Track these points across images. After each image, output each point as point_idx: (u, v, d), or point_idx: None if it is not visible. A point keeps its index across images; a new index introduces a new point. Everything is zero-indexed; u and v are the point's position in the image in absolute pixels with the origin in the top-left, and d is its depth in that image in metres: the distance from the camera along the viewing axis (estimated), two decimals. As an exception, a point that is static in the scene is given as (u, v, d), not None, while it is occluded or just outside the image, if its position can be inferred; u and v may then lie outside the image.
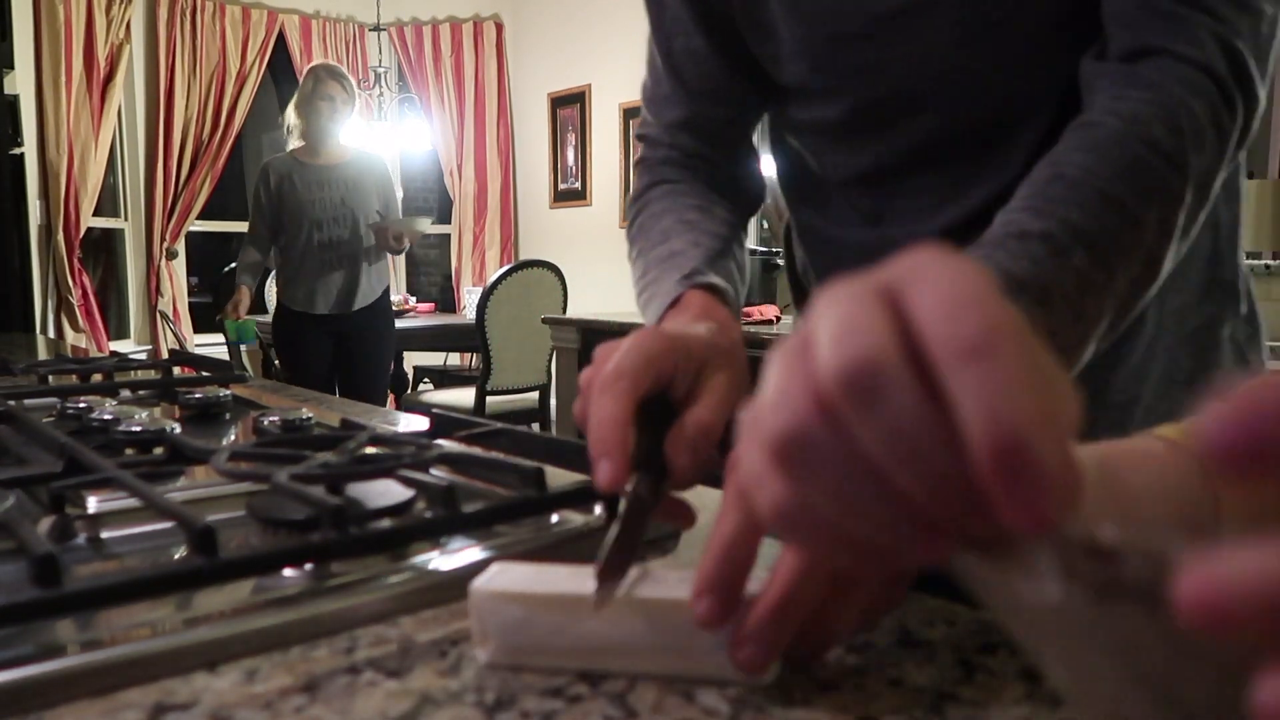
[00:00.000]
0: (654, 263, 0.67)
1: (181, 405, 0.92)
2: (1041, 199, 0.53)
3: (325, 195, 3.32)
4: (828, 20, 0.67)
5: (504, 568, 0.40)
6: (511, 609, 0.38)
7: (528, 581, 0.39)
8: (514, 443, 0.67)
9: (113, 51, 4.55)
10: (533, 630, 0.38)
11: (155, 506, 0.49)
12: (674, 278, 0.63)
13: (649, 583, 0.38)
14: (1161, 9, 0.56)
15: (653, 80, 0.80)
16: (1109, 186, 0.52)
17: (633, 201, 0.77)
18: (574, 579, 0.39)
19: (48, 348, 2.23)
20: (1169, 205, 0.54)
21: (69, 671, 0.36)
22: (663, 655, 0.37)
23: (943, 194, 0.69)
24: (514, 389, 3.83)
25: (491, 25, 5.78)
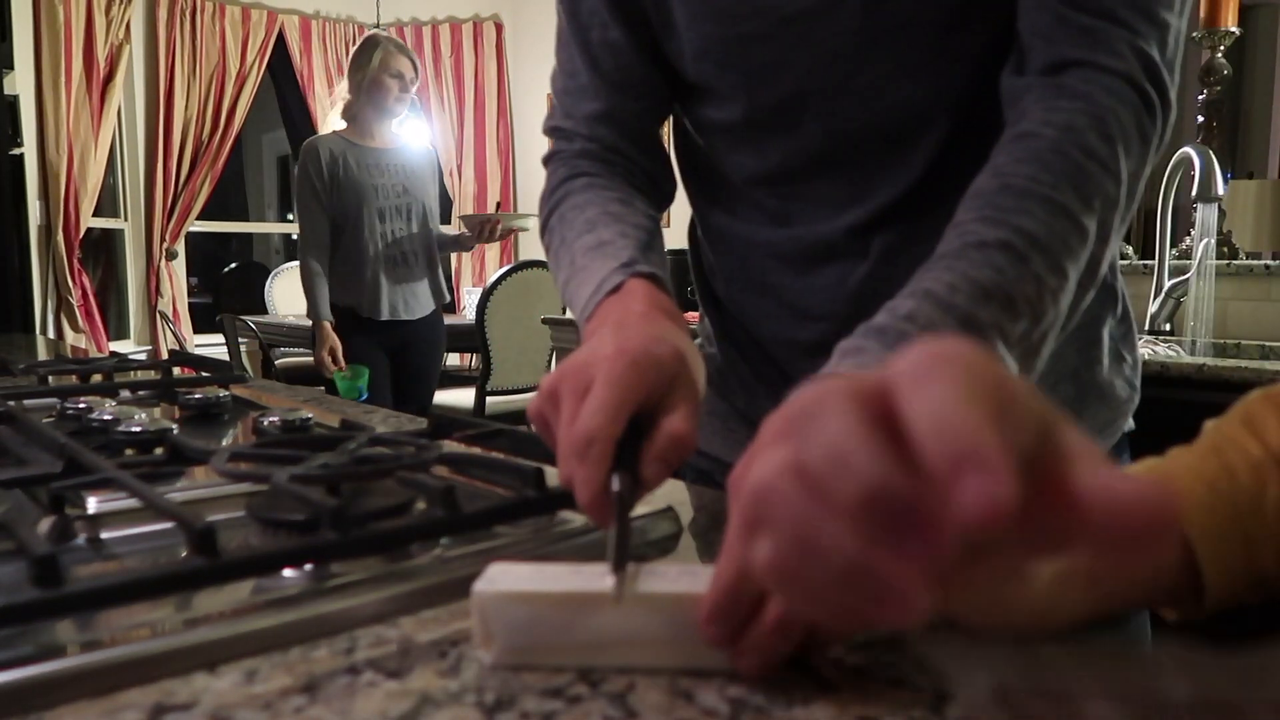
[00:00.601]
0: (581, 251, 0.66)
1: (181, 406, 0.92)
2: (993, 209, 0.54)
3: (385, 182, 2.88)
4: (730, 21, 0.68)
5: (503, 568, 0.40)
6: (516, 609, 0.38)
7: (530, 581, 0.39)
8: (514, 443, 0.67)
9: (112, 52, 4.55)
10: (538, 629, 0.38)
11: (155, 507, 0.49)
12: (609, 265, 0.62)
13: (651, 577, 0.38)
14: (1080, 23, 0.58)
15: (566, 73, 0.79)
16: (1055, 194, 0.54)
17: (548, 194, 0.76)
18: (575, 576, 0.39)
19: (47, 348, 2.23)
20: (1108, 209, 0.56)
21: (69, 672, 0.36)
22: (668, 648, 0.37)
23: (848, 194, 0.70)
24: (514, 389, 3.83)
25: (491, 26, 5.78)
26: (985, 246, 0.52)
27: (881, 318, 0.51)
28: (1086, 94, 0.57)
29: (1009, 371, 0.30)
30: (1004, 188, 0.55)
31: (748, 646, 0.36)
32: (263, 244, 7.26)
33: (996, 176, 0.56)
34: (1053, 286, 0.53)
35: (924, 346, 0.28)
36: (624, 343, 0.49)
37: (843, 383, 0.28)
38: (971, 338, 0.48)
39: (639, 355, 0.48)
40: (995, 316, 0.50)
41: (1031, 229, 0.53)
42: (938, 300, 0.50)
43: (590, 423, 0.46)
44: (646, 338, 0.51)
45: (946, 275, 0.52)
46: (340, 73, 5.44)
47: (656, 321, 0.56)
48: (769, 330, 0.78)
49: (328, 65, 5.44)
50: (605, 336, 0.52)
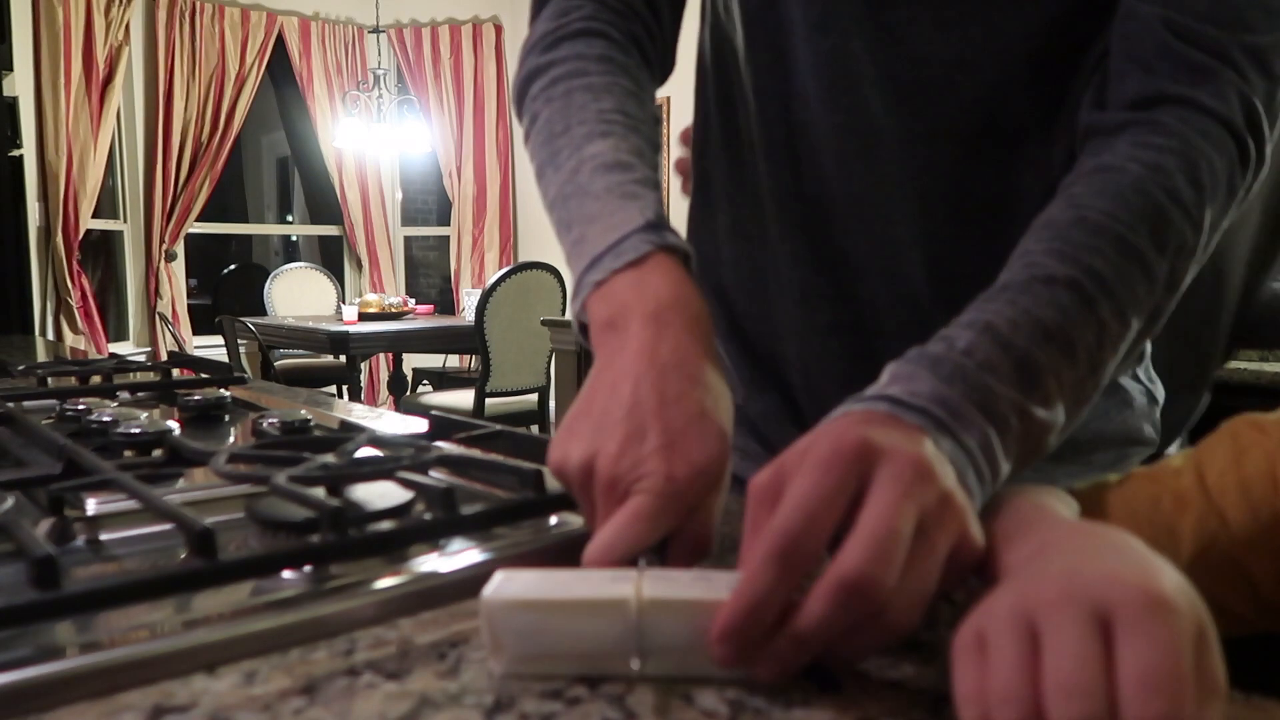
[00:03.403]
0: (592, 168, 0.58)
1: (180, 407, 0.92)
2: (1065, 242, 0.51)
3: None
4: None
5: (510, 575, 0.40)
6: (524, 616, 0.37)
7: (537, 588, 0.38)
8: (513, 445, 0.67)
9: (112, 53, 4.55)
10: (547, 637, 0.37)
11: (154, 509, 0.49)
12: (630, 220, 0.54)
13: (661, 583, 0.38)
14: (1187, 58, 0.54)
15: None
16: (1131, 235, 0.51)
17: (545, 37, 0.65)
18: (582, 583, 0.39)
19: (47, 350, 2.22)
20: (1181, 258, 0.53)
21: (68, 673, 0.36)
22: (679, 655, 0.37)
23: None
24: (513, 391, 3.83)
25: (491, 27, 5.78)
26: (1053, 283, 0.49)
27: (937, 347, 0.47)
28: (1181, 134, 0.54)
29: (1207, 618, 0.31)
30: (1079, 221, 0.51)
31: (766, 655, 0.36)
32: (262, 245, 7.26)
33: (1072, 208, 0.52)
34: (1114, 334, 0.50)
35: (1148, 578, 0.31)
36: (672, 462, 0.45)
37: (1082, 586, 0.31)
38: (1030, 380, 0.46)
39: (685, 485, 0.45)
40: (1053, 361, 0.47)
41: (1101, 271, 0.50)
42: (997, 336, 0.47)
43: (607, 558, 0.43)
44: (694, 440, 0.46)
45: (1009, 310, 0.48)
46: (339, 74, 5.45)
47: (699, 367, 0.49)
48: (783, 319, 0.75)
49: (327, 67, 5.44)
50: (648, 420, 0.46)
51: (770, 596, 0.35)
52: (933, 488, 0.38)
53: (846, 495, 0.37)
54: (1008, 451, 0.45)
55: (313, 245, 6.45)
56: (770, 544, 0.36)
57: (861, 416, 0.43)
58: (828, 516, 0.37)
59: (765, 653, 0.36)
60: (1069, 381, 0.48)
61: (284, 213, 7.77)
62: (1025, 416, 0.46)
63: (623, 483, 0.45)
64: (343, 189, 5.52)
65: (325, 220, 5.86)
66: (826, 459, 0.38)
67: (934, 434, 0.42)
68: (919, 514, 0.37)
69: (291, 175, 6.82)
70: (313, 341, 4.16)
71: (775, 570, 0.36)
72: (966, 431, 0.43)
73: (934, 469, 0.39)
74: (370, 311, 4.46)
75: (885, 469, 0.38)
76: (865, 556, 0.35)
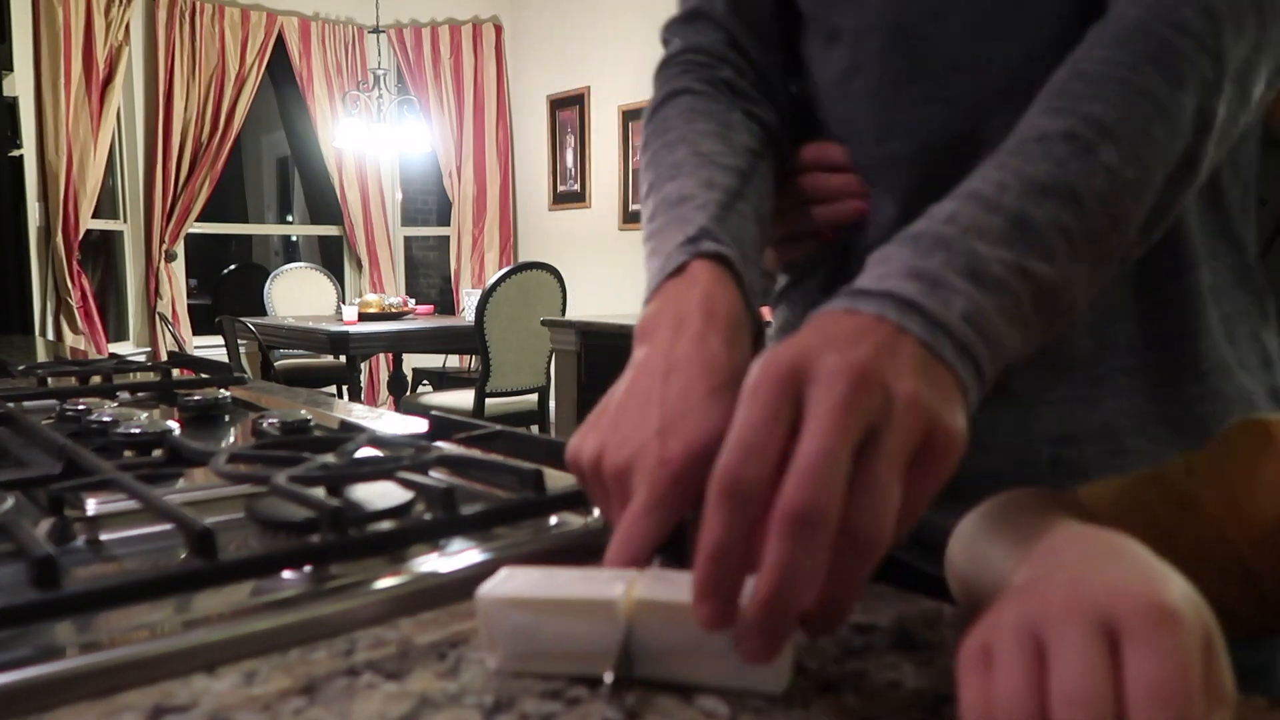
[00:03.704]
0: (662, 206, 0.60)
1: (180, 407, 0.92)
2: (1059, 98, 0.48)
3: None
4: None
5: (511, 573, 0.40)
6: (519, 615, 0.38)
7: (535, 586, 0.38)
8: (513, 445, 0.67)
9: (111, 53, 4.55)
10: (541, 636, 0.38)
11: (154, 509, 0.49)
12: (677, 236, 0.56)
13: (659, 584, 0.38)
14: None
15: None
16: (1133, 76, 0.47)
17: (648, 117, 0.68)
18: (582, 583, 0.39)
19: (47, 350, 2.22)
20: (1205, 92, 0.48)
21: (68, 673, 0.36)
22: (673, 660, 0.37)
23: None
24: (513, 391, 3.83)
25: (490, 27, 5.78)
26: (1046, 139, 0.46)
27: (919, 223, 0.45)
28: None
29: (1215, 626, 0.31)
30: (1075, 75, 0.48)
31: (746, 629, 0.35)
32: (262, 245, 7.26)
33: (1069, 65, 0.49)
34: (1130, 179, 0.46)
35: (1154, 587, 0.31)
36: (667, 442, 0.45)
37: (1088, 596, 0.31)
38: (1026, 238, 0.43)
39: (680, 466, 0.44)
40: (1055, 214, 0.44)
41: (1101, 115, 0.46)
42: (984, 200, 0.44)
43: (623, 558, 0.43)
44: (692, 418, 0.45)
45: (996, 174, 0.45)
46: (339, 74, 5.46)
47: (712, 357, 0.49)
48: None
49: (327, 67, 5.44)
50: (651, 408, 0.47)
51: (728, 537, 0.35)
52: (874, 390, 0.36)
53: (782, 421, 0.36)
54: (1011, 316, 0.42)
55: (313, 245, 6.45)
56: (714, 486, 0.36)
57: (811, 329, 0.40)
58: (766, 446, 0.36)
59: (744, 624, 0.35)
60: (1080, 234, 0.44)
61: (284, 213, 7.77)
62: (1028, 276, 0.43)
63: (626, 475, 0.45)
64: (343, 189, 5.52)
65: (325, 220, 5.86)
66: (755, 388, 0.37)
67: (897, 317, 0.40)
68: (864, 423, 0.36)
69: (291, 175, 6.83)
70: (313, 342, 4.16)
71: (725, 510, 0.35)
72: (945, 303, 0.41)
73: (872, 370, 0.37)
74: (370, 312, 4.46)
75: (816, 388, 0.36)
76: (799, 484, 0.34)
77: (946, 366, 0.39)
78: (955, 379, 0.39)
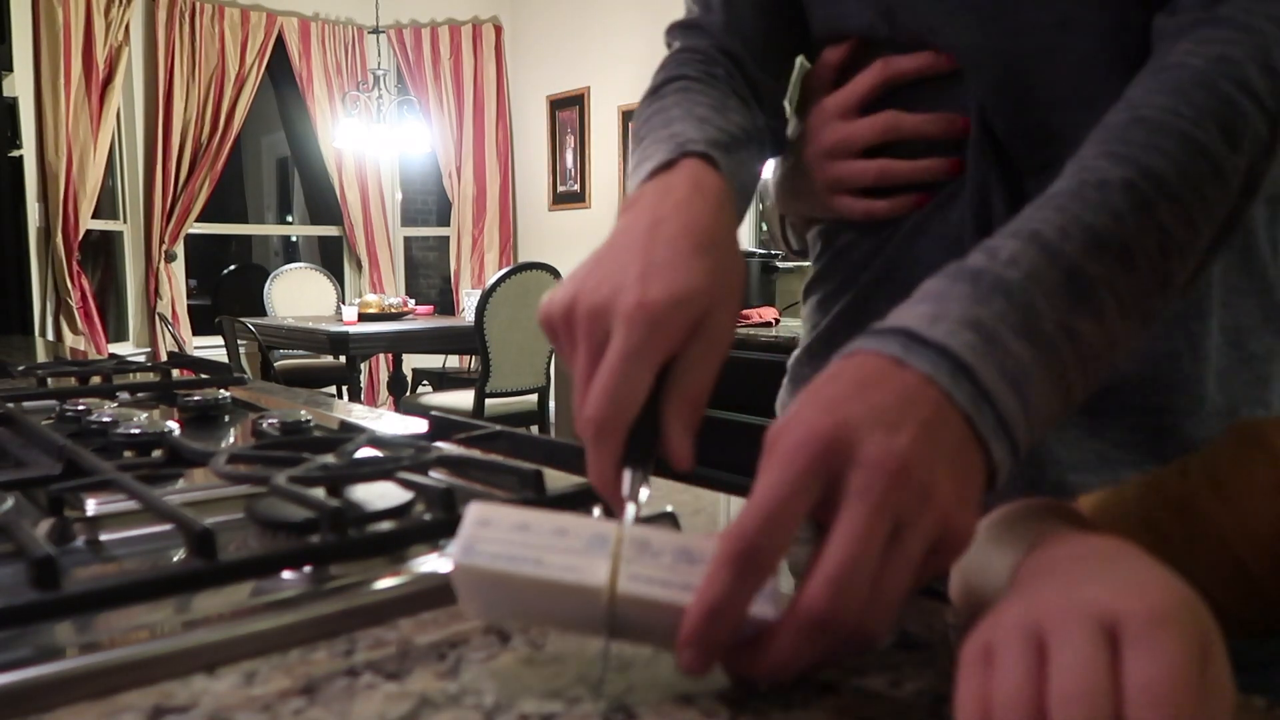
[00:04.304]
0: (651, 143, 0.59)
1: (180, 408, 0.92)
2: (1120, 144, 0.47)
3: None
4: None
5: (484, 519, 0.38)
6: (495, 588, 0.37)
7: (509, 550, 0.37)
8: (512, 445, 0.67)
9: (111, 54, 4.55)
10: (517, 604, 0.38)
11: (154, 509, 0.49)
12: (664, 149, 0.56)
13: (643, 561, 0.36)
14: None
15: None
16: (1195, 131, 0.46)
17: (645, 99, 0.69)
18: (561, 550, 0.37)
19: (46, 350, 2.22)
20: (1259, 154, 0.48)
21: (68, 674, 0.36)
22: (651, 638, 0.37)
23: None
24: (513, 391, 3.83)
25: (490, 28, 5.78)
26: (1105, 186, 0.45)
27: (979, 258, 0.43)
28: (1246, 23, 0.49)
29: (1215, 630, 0.31)
30: (1136, 120, 0.47)
31: (681, 640, 0.35)
32: (262, 246, 7.26)
33: (1129, 109, 0.48)
34: (1180, 241, 0.45)
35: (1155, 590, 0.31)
36: (647, 286, 0.44)
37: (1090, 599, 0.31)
38: (1080, 295, 0.42)
39: (661, 310, 0.43)
40: (1108, 271, 0.43)
41: (1161, 170, 0.45)
42: (1045, 245, 0.43)
43: (602, 409, 0.43)
44: (675, 268, 0.45)
45: (1057, 217, 0.44)
46: (339, 74, 5.46)
47: (698, 217, 0.49)
48: None
49: (327, 67, 5.44)
50: (633, 257, 0.46)
51: (729, 602, 0.34)
52: (910, 487, 0.35)
53: (809, 496, 0.35)
54: (1057, 379, 0.41)
55: (312, 246, 6.45)
56: (727, 548, 0.35)
57: (854, 380, 0.39)
58: (788, 520, 0.35)
59: (681, 638, 0.35)
60: (1128, 295, 0.43)
61: (284, 213, 7.77)
62: (1075, 338, 0.41)
63: (601, 317, 0.44)
64: (342, 189, 5.52)
65: (325, 221, 5.86)
66: (791, 453, 0.36)
67: (948, 383, 0.38)
68: (893, 520, 0.35)
69: (291, 176, 6.82)
70: (313, 342, 4.16)
71: (733, 575, 0.34)
72: (996, 364, 0.39)
73: (914, 464, 0.35)
74: (370, 312, 4.46)
75: (856, 477, 0.35)
76: (828, 593, 0.34)
77: (981, 446, 0.39)
78: (985, 462, 0.39)
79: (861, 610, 0.34)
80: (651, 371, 0.43)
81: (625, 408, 0.43)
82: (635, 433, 0.44)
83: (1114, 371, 0.45)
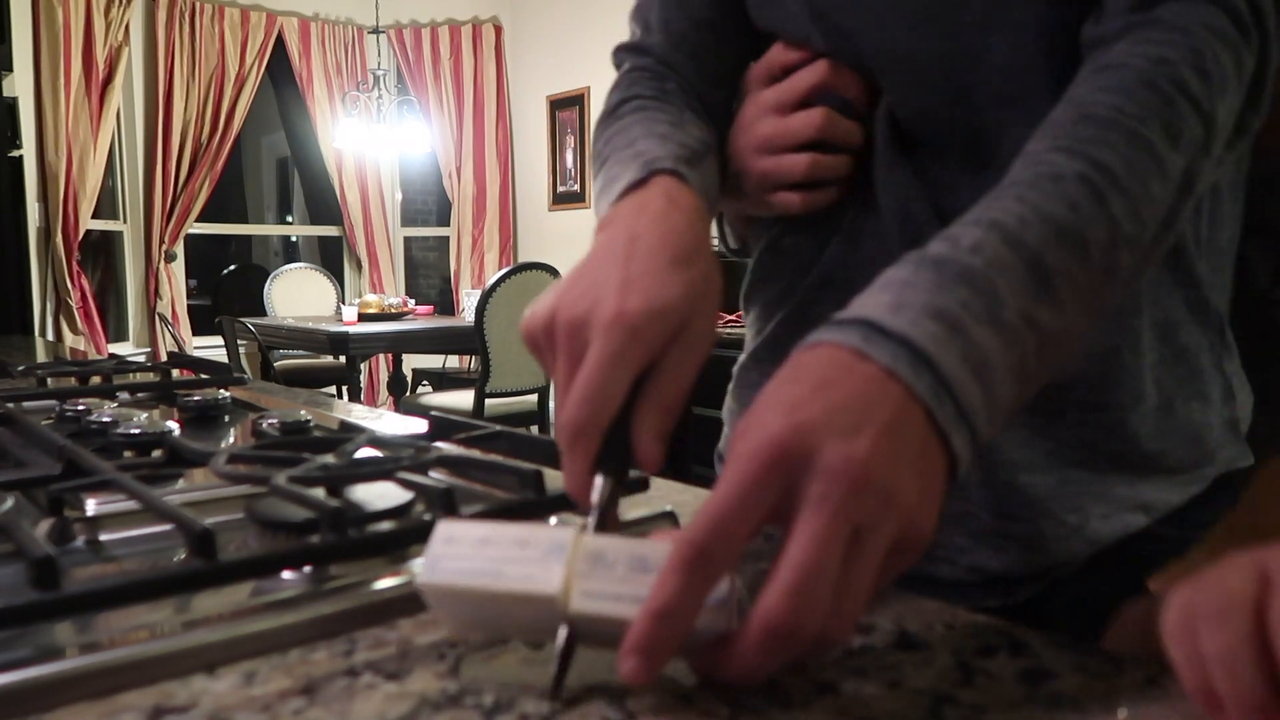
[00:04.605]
0: (616, 163, 0.60)
1: (180, 408, 0.92)
2: (1070, 139, 0.47)
3: None
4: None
5: (449, 536, 0.38)
6: (459, 603, 0.38)
7: (471, 566, 0.37)
8: (512, 445, 0.67)
9: (111, 54, 4.55)
10: (483, 615, 0.38)
11: (154, 509, 0.49)
12: (635, 164, 0.57)
13: (595, 574, 0.36)
14: None
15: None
16: (1140, 128, 0.47)
17: (599, 125, 0.70)
18: (519, 559, 0.37)
19: (46, 350, 2.23)
20: (1195, 154, 0.49)
21: (67, 674, 0.36)
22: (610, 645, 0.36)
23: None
24: (512, 392, 3.83)
25: (490, 28, 5.78)
26: (1061, 179, 0.45)
27: (941, 247, 0.43)
28: (1183, 27, 0.50)
29: None
30: (1084, 117, 0.48)
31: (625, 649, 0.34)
32: (262, 246, 7.26)
33: (1075, 106, 0.49)
34: (1129, 235, 0.46)
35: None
36: (626, 297, 0.45)
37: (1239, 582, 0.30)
38: (1040, 284, 0.42)
39: (639, 320, 0.44)
40: (1065, 262, 0.43)
41: (1112, 164, 0.46)
42: (1006, 234, 0.43)
43: (579, 414, 0.43)
44: (654, 280, 0.46)
45: (1016, 207, 0.44)
46: (339, 74, 5.46)
47: (674, 230, 0.50)
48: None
49: (327, 67, 5.44)
50: (612, 270, 0.47)
51: (678, 608, 0.34)
52: (871, 492, 0.35)
53: (764, 503, 0.35)
54: (1018, 369, 0.41)
55: (312, 246, 6.45)
56: (678, 553, 0.34)
57: (814, 376, 0.39)
58: (741, 527, 0.35)
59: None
60: (1084, 285, 0.44)
61: (284, 213, 7.77)
62: (1035, 327, 0.42)
63: (580, 328, 0.45)
64: (342, 189, 5.52)
65: (325, 221, 5.86)
66: (747, 459, 0.36)
67: (908, 374, 0.38)
68: (852, 526, 0.35)
69: (291, 176, 6.82)
70: (312, 342, 4.16)
71: (683, 581, 0.34)
72: (958, 352, 0.39)
73: (874, 469, 0.35)
74: (370, 312, 4.46)
75: (814, 485, 0.35)
76: (788, 603, 0.34)
77: (942, 441, 0.39)
78: (946, 457, 0.39)
79: (823, 617, 0.34)
80: (628, 378, 0.44)
81: (600, 413, 0.43)
82: (610, 440, 0.44)
83: (1066, 367, 0.45)
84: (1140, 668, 0.38)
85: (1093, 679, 0.38)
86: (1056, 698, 0.36)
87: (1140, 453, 0.61)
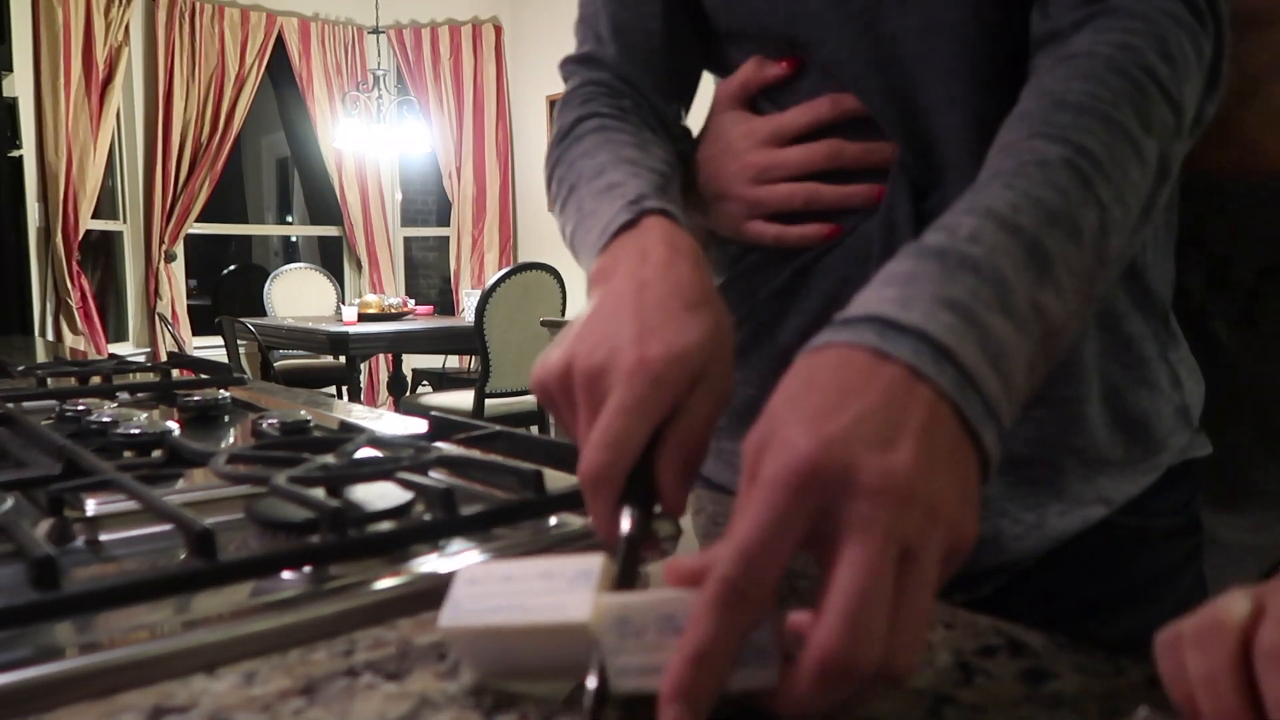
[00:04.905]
0: (589, 196, 0.59)
1: (180, 408, 0.92)
2: (1049, 125, 0.46)
3: None
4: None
5: (471, 579, 0.37)
6: (485, 643, 0.36)
7: (494, 604, 0.36)
8: (512, 445, 0.67)
9: (111, 54, 4.55)
10: (512, 657, 0.36)
11: (154, 509, 0.49)
12: (619, 204, 0.55)
13: (625, 646, 0.34)
14: None
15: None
16: (1115, 114, 0.46)
17: (555, 142, 0.68)
18: (545, 592, 0.36)
19: (46, 350, 2.23)
20: (1168, 139, 0.48)
21: (67, 674, 0.36)
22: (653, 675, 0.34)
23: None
24: (512, 392, 3.83)
25: (490, 28, 5.78)
26: (1047, 165, 0.44)
27: (938, 237, 0.42)
28: (1144, 14, 0.50)
29: None
30: (1058, 104, 0.47)
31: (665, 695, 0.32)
32: (262, 246, 7.26)
33: (1046, 95, 0.48)
34: (1115, 220, 0.45)
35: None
36: (646, 345, 0.44)
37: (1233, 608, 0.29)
38: (1041, 269, 0.41)
39: (661, 367, 0.43)
40: (1062, 246, 0.42)
41: (1094, 149, 0.45)
42: (1002, 221, 0.42)
43: (601, 459, 0.42)
44: (671, 328, 0.45)
45: (1007, 193, 0.43)
46: (339, 74, 5.46)
47: (683, 278, 0.49)
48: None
49: (327, 67, 5.44)
50: (625, 319, 0.46)
51: (716, 648, 0.32)
52: (916, 506, 0.33)
53: (795, 529, 0.33)
54: (1028, 356, 0.40)
55: (312, 246, 6.45)
56: (712, 592, 0.32)
57: (831, 378, 0.37)
58: (775, 558, 0.33)
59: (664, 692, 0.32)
60: (1080, 270, 0.43)
61: (284, 213, 7.77)
62: (1042, 315, 0.41)
63: (599, 378, 0.44)
64: (342, 190, 5.52)
65: (325, 221, 5.86)
66: (775, 484, 0.33)
67: (931, 369, 0.36)
68: (900, 545, 0.33)
69: (291, 176, 6.83)
70: (312, 342, 4.16)
71: (717, 614, 0.32)
72: (976, 343, 0.38)
73: (917, 483, 0.33)
74: (370, 312, 4.46)
75: (856, 506, 0.33)
76: (843, 633, 0.31)
77: (972, 438, 0.37)
78: (978, 455, 0.37)
79: (881, 646, 0.32)
80: (650, 426, 0.43)
81: (622, 459, 0.43)
82: (634, 478, 0.44)
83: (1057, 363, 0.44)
84: (1140, 668, 0.38)
85: (1092, 679, 0.38)
86: (1056, 698, 0.36)
87: (1094, 444, 0.61)
